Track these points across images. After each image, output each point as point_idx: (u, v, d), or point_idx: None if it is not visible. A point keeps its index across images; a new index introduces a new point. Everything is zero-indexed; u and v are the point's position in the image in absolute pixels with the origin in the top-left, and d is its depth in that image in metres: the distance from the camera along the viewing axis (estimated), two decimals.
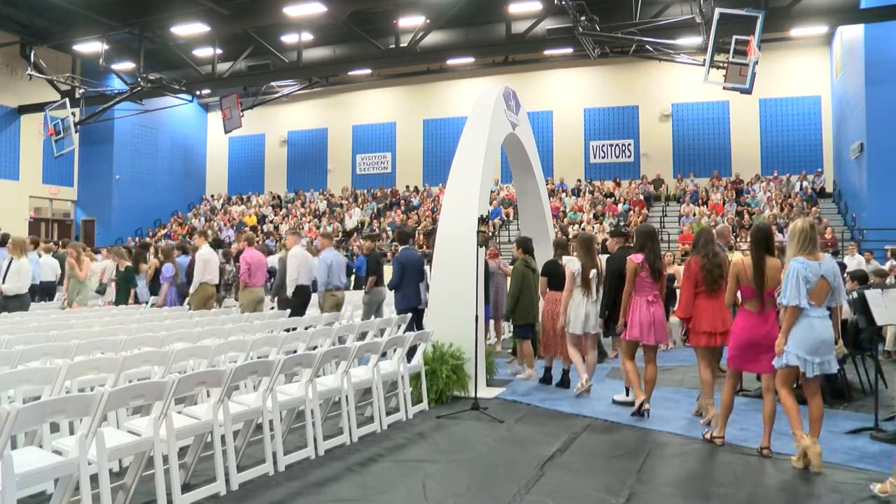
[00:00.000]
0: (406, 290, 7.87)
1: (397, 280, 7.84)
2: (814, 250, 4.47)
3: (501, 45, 19.94)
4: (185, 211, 28.45)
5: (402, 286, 7.85)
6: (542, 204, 9.82)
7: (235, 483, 4.01)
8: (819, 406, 4.55)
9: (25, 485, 3.17)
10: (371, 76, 25.79)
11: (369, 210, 24.83)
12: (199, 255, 9.07)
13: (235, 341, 5.69)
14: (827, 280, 4.42)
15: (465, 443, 5.14)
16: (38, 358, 4.89)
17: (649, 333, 5.84)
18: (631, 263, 5.89)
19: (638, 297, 5.93)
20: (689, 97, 22.55)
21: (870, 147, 16.76)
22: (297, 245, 9.10)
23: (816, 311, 4.41)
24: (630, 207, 21.08)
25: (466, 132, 7.63)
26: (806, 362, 4.40)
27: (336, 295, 8.85)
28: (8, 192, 22.91)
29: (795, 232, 4.53)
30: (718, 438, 5.07)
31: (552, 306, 7.20)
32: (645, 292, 5.91)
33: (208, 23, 18.35)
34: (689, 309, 5.50)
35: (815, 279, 4.39)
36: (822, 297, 4.44)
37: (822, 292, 4.43)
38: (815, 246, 4.48)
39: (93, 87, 21.87)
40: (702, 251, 5.55)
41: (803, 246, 4.46)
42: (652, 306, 5.88)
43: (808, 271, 4.39)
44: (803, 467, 4.44)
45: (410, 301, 7.87)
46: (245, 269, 8.85)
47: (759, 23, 12.67)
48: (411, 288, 7.89)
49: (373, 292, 8.93)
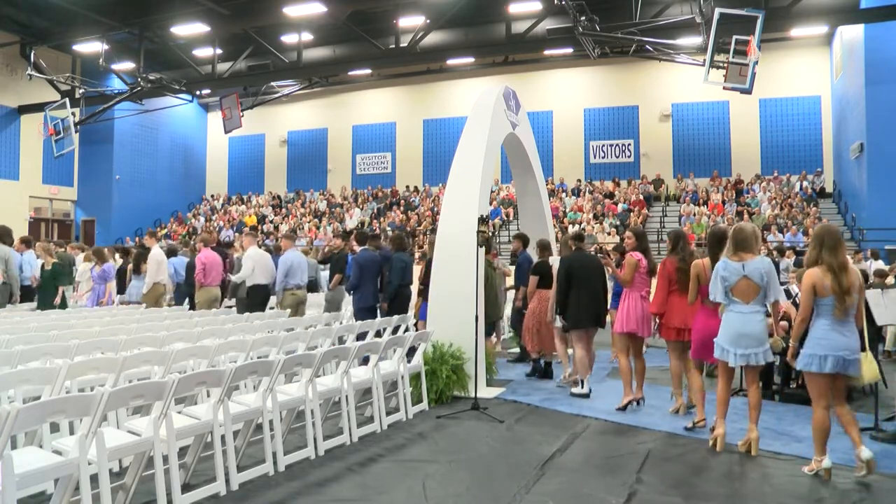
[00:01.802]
0: (364, 289, 8.22)
1: (356, 281, 8.18)
2: (739, 252, 4.79)
3: (501, 45, 19.94)
4: (185, 211, 28.45)
5: (360, 286, 8.19)
6: (542, 204, 9.82)
7: (235, 483, 4.01)
8: (755, 394, 4.86)
9: (25, 485, 3.17)
10: (371, 76, 25.78)
11: (369, 210, 24.83)
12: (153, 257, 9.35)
13: (235, 341, 5.69)
14: (752, 279, 4.72)
15: (465, 443, 5.14)
16: (38, 358, 4.89)
17: (643, 326, 6.20)
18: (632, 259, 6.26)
19: (633, 293, 6.25)
20: (689, 97, 22.54)
21: (870, 147, 16.76)
22: (254, 245, 9.36)
23: (742, 307, 4.75)
24: (630, 207, 21.09)
25: (466, 132, 7.63)
26: (727, 352, 4.78)
27: (297, 294, 9.00)
28: (8, 192, 22.91)
29: (730, 235, 4.93)
30: (700, 422, 5.38)
31: (544, 304, 7.42)
32: (639, 288, 6.29)
33: (208, 23, 18.35)
34: (662, 305, 5.84)
35: (734, 278, 4.74)
36: (749, 295, 4.74)
37: (747, 291, 4.74)
38: (744, 248, 4.78)
39: (93, 87, 21.86)
40: (679, 253, 5.84)
41: (729, 248, 4.85)
42: (644, 302, 6.25)
43: (727, 271, 4.77)
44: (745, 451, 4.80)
45: (368, 300, 8.24)
46: (200, 269, 9.07)
47: (759, 23, 12.67)
48: (369, 288, 8.27)
49: (336, 290, 9.30)
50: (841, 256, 4.28)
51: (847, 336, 4.26)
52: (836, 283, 4.20)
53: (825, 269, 4.26)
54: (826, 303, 4.25)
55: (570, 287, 6.62)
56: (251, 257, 9.08)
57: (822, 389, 4.30)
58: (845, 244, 4.58)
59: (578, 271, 6.68)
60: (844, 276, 4.22)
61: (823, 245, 4.31)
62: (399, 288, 8.28)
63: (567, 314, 6.65)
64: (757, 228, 5.12)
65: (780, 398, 6.61)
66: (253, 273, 9.01)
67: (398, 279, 8.20)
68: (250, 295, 9.14)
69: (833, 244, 4.29)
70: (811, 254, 4.40)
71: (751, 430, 4.83)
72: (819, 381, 4.30)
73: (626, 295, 6.31)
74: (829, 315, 4.25)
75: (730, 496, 4.02)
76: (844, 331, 4.25)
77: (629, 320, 6.18)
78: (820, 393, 4.32)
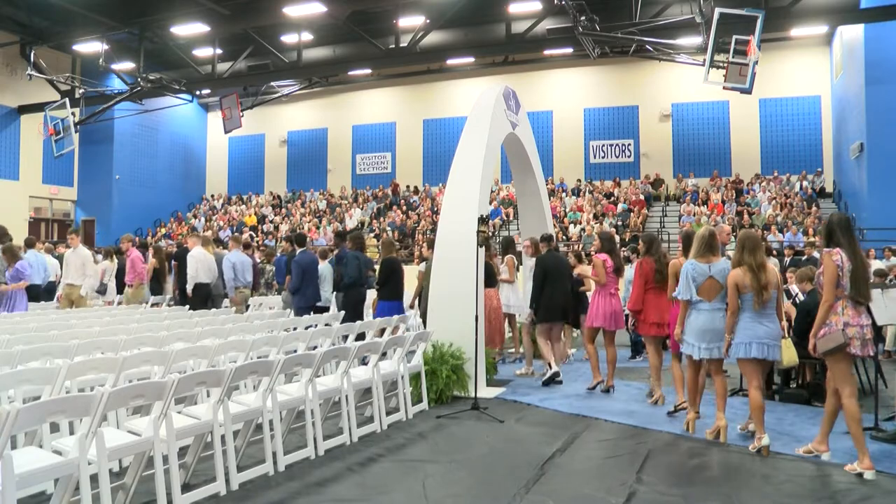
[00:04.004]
0: (306, 290, 8.76)
1: (297, 282, 8.73)
2: (707, 254, 5.25)
3: (501, 45, 19.93)
4: (185, 211, 28.43)
5: (300, 287, 8.73)
6: (542, 204, 9.82)
7: (235, 483, 4.01)
8: (721, 384, 5.24)
9: (25, 485, 3.17)
10: (371, 76, 25.77)
11: (369, 210, 24.83)
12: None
13: (235, 341, 5.69)
14: (716, 279, 5.16)
15: (465, 443, 5.14)
16: (38, 358, 4.89)
17: (611, 322, 6.90)
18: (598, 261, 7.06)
19: (603, 291, 6.99)
20: (689, 97, 22.54)
21: (870, 147, 16.76)
22: (197, 246, 9.75)
23: (706, 304, 5.18)
24: (630, 207, 21.09)
25: (466, 132, 7.63)
26: (692, 346, 5.23)
27: (244, 292, 9.71)
28: (8, 192, 22.89)
29: (696, 238, 5.37)
30: (682, 405, 5.76)
31: (488, 302, 7.84)
32: (608, 287, 6.99)
33: (208, 23, 18.34)
34: (639, 303, 6.30)
35: (702, 279, 5.20)
36: (712, 294, 5.18)
37: (711, 290, 5.18)
38: (709, 251, 5.26)
39: (93, 87, 21.85)
40: (655, 255, 6.35)
41: (698, 251, 5.29)
42: (612, 298, 6.97)
43: (695, 272, 5.21)
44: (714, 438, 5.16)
45: (309, 300, 8.75)
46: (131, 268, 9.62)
47: (759, 23, 12.67)
48: (310, 288, 8.80)
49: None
50: (759, 257, 4.88)
51: (767, 326, 4.85)
52: (755, 280, 4.79)
53: (746, 269, 4.85)
54: (747, 298, 4.86)
55: (545, 284, 7.19)
56: (195, 257, 9.54)
57: (752, 372, 4.92)
58: (763, 247, 5.17)
59: (553, 271, 7.30)
60: (763, 274, 4.81)
61: (745, 248, 4.90)
62: (353, 286, 8.38)
63: (539, 309, 7.24)
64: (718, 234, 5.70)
65: (780, 398, 6.61)
66: (197, 273, 9.52)
67: (350, 276, 8.31)
68: (196, 293, 9.55)
69: (752, 247, 4.90)
70: (735, 256, 4.98)
71: (719, 419, 5.19)
72: (748, 365, 4.94)
73: (596, 292, 7.07)
74: (750, 308, 4.85)
75: (730, 496, 4.02)
76: (765, 321, 4.84)
77: (598, 316, 6.93)
78: (750, 375, 4.95)
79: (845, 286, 4.44)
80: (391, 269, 8.26)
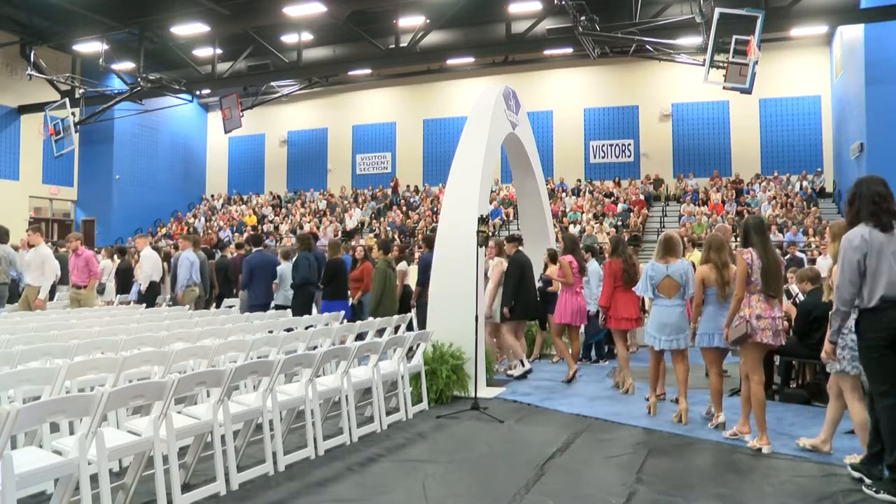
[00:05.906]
0: (256, 289, 9.14)
1: (247, 280, 9.14)
2: (666, 255, 5.81)
3: (501, 45, 19.94)
4: (185, 211, 28.43)
5: (251, 285, 9.13)
6: (542, 204, 9.82)
7: (235, 483, 4.01)
8: (683, 370, 5.73)
9: (25, 485, 3.17)
10: (371, 76, 25.77)
11: (369, 210, 24.83)
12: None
13: (235, 341, 5.68)
14: (673, 278, 5.72)
15: (465, 443, 5.14)
16: (38, 358, 4.89)
17: (575, 318, 7.58)
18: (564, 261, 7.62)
19: (570, 290, 7.58)
20: (689, 97, 22.54)
21: (870, 147, 16.75)
22: (147, 247, 10.18)
23: (666, 301, 5.73)
24: (630, 207, 21.09)
25: (466, 132, 7.63)
26: (654, 338, 5.76)
27: (195, 290, 9.85)
28: (8, 192, 22.89)
29: (658, 241, 5.96)
30: (661, 395, 6.28)
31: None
32: (574, 286, 7.59)
33: (208, 23, 18.34)
34: (609, 299, 6.84)
35: (659, 277, 5.75)
36: (671, 291, 5.73)
37: (669, 287, 5.73)
38: (668, 252, 5.81)
39: (93, 87, 21.85)
40: (622, 255, 6.91)
41: (658, 253, 5.88)
42: (577, 296, 7.63)
43: (653, 272, 5.80)
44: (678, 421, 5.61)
45: (259, 299, 9.14)
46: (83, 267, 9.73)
47: (759, 23, 12.67)
48: (261, 287, 9.16)
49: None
50: (724, 256, 5.43)
51: None
52: (720, 276, 5.35)
53: (711, 266, 5.40)
54: (711, 292, 5.39)
55: (520, 283, 7.59)
56: (148, 257, 9.92)
57: (713, 360, 5.50)
58: (728, 247, 5.66)
59: (527, 270, 7.75)
60: (725, 271, 5.37)
61: (711, 248, 5.48)
62: (303, 286, 8.76)
63: (516, 306, 7.56)
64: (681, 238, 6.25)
65: (780, 398, 6.60)
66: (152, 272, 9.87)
67: (299, 276, 8.73)
68: (149, 291, 9.88)
69: (718, 247, 5.47)
70: (703, 255, 5.57)
71: (680, 403, 5.70)
72: (710, 353, 5.49)
73: (563, 290, 7.65)
74: (714, 301, 5.38)
75: (730, 496, 4.02)
76: (727, 313, 5.12)
77: (565, 313, 7.54)
78: (710, 363, 5.55)
79: (757, 282, 4.88)
80: (336, 269, 8.88)
